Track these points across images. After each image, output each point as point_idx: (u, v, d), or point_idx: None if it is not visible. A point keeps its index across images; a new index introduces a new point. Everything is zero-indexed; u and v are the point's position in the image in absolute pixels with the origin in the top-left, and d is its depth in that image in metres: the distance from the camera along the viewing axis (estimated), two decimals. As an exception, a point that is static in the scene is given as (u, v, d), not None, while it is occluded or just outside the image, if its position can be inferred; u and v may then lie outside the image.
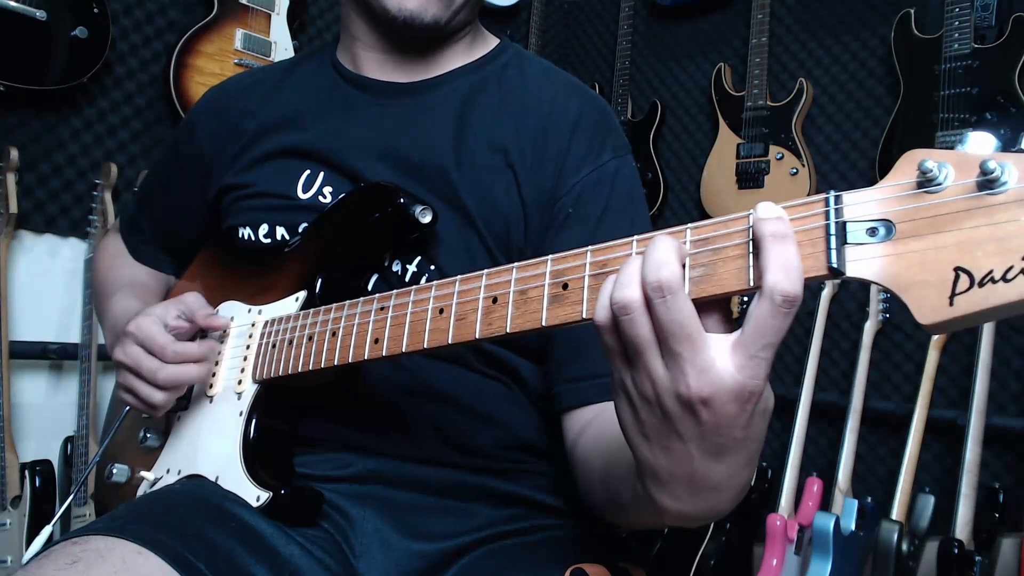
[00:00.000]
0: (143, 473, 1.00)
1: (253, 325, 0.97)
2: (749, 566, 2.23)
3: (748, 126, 2.64)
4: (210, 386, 0.98)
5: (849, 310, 2.45)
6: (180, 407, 1.02)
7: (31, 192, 2.14)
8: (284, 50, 2.43)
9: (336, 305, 0.85)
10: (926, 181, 0.47)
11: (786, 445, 2.26)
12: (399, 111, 1.04)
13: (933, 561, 1.90)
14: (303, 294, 0.94)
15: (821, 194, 0.52)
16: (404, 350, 0.75)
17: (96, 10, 2.09)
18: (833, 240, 0.50)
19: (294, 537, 0.86)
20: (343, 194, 1.00)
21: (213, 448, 0.94)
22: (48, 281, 2.22)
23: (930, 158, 0.47)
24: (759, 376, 0.53)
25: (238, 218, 1.07)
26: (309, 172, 1.03)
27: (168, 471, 0.98)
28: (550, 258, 0.64)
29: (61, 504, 2.02)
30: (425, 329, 0.73)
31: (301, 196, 1.03)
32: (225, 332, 1.01)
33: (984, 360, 2.02)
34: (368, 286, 0.98)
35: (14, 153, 2.03)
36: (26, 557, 0.95)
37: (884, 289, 0.48)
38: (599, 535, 0.96)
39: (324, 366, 0.84)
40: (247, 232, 1.05)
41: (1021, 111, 2.09)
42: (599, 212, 0.96)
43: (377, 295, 0.81)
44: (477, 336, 0.68)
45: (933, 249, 0.47)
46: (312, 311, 0.89)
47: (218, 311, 1.05)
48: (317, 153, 1.04)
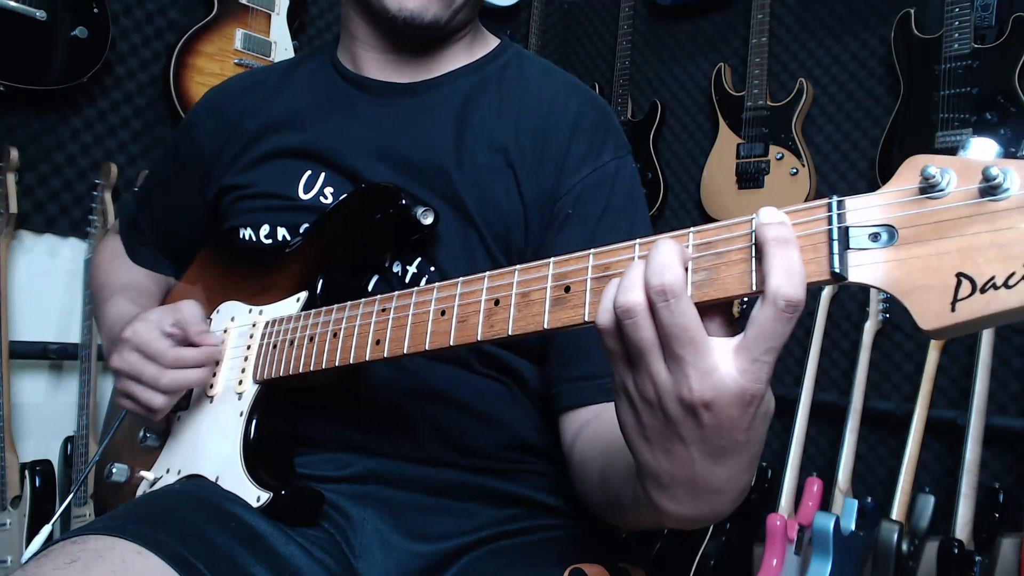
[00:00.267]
0: (143, 473, 1.00)
1: (254, 326, 0.97)
2: (749, 566, 2.23)
3: (748, 126, 2.64)
4: (210, 386, 0.98)
5: (849, 310, 2.45)
6: (180, 407, 1.02)
7: (31, 192, 2.14)
8: (284, 50, 2.43)
9: (337, 306, 0.85)
10: (929, 187, 0.47)
11: (786, 445, 2.26)
12: (399, 111, 1.04)
13: (933, 561, 1.90)
14: (304, 295, 0.94)
15: (824, 199, 0.52)
16: (406, 351, 0.75)
17: (96, 10, 2.09)
18: (836, 245, 0.50)
19: (294, 537, 0.85)
20: (344, 195, 1.00)
21: (213, 448, 0.94)
22: (48, 281, 2.22)
23: (933, 164, 0.47)
24: (761, 380, 0.53)
25: (239, 219, 1.06)
26: (310, 173, 1.03)
27: (168, 471, 0.98)
28: (552, 261, 0.64)
29: (61, 504, 2.02)
30: (427, 331, 0.73)
31: (302, 197, 1.03)
32: (225, 332, 1.01)
33: (984, 360, 2.02)
34: (369, 287, 0.98)
35: (14, 153, 2.03)
36: (25, 556, 0.95)
37: (886, 294, 0.48)
38: (599, 535, 0.96)
39: (325, 367, 0.84)
40: (248, 233, 1.05)
41: (1021, 111, 2.09)
42: (599, 212, 0.96)
43: (379, 296, 0.81)
44: (479, 338, 0.68)
45: (935, 255, 0.47)
46: (313, 312, 0.89)
47: (212, 320, 1.05)
48: (317, 153, 1.03)
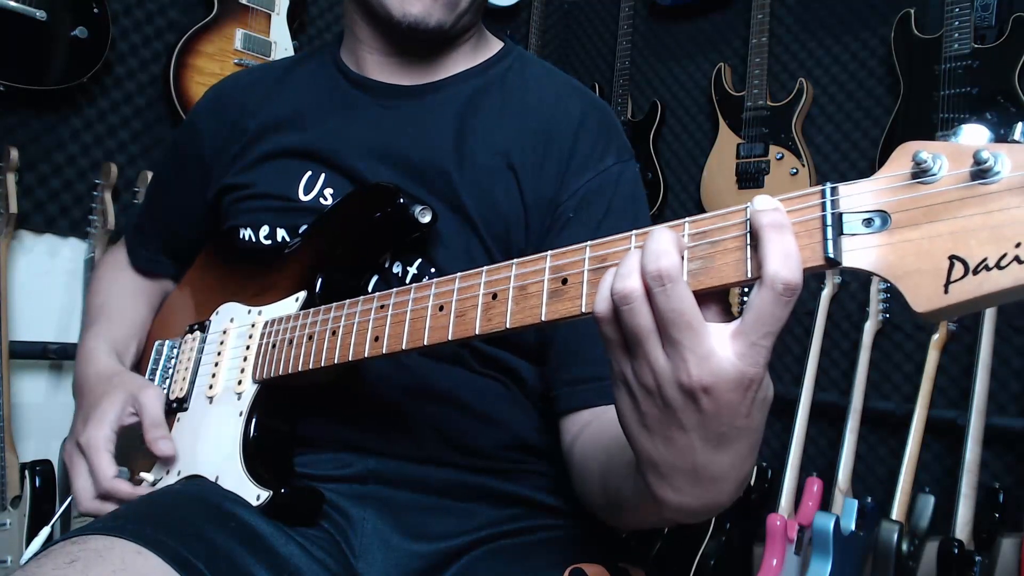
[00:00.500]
0: (143, 474, 1.00)
1: (253, 326, 0.97)
2: (749, 566, 2.23)
3: (748, 126, 2.64)
4: (210, 387, 0.98)
5: (849, 310, 2.45)
6: (181, 408, 1.02)
7: (31, 192, 2.14)
8: (284, 50, 2.43)
9: (336, 304, 0.85)
10: (921, 172, 0.48)
11: (786, 445, 2.26)
12: (401, 113, 1.04)
13: (933, 561, 1.90)
14: (303, 294, 0.95)
15: (817, 186, 0.53)
16: (404, 347, 0.75)
17: (96, 10, 2.09)
18: (829, 231, 0.51)
19: (294, 537, 0.85)
20: (343, 195, 1.00)
21: (213, 448, 0.94)
22: (48, 281, 2.22)
23: (924, 149, 0.48)
24: (759, 364, 0.54)
25: (239, 219, 1.06)
26: (311, 173, 1.03)
27: (168, 471, 0.98)
28: (549, 254, 0.64)
29: (61, 504, 2.02)
30: (425, 326, 0.73)
31: (302, 198, 1.03)
32: (224, 333, 1.01)
33: (984, 360, 2.02)
34: (368, 287, 0.98)
35: (14, 153, 2.03)
36: (25, 557, 0.95)
37: (880, 279, 0.48)
38: (599, 535, 0.96)
39: (324, 365, 0.84)
40: (248, 233, 1.05)
41: (1021, 111, 2.09)
42: (600, 216, 0.96)
43: (377, 294, 0.81)
44: (477, 332, 0.68)
45: (928, 238, 0.47)
46: (312, 311, 0.89)
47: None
48: (318, 153, 1.03)
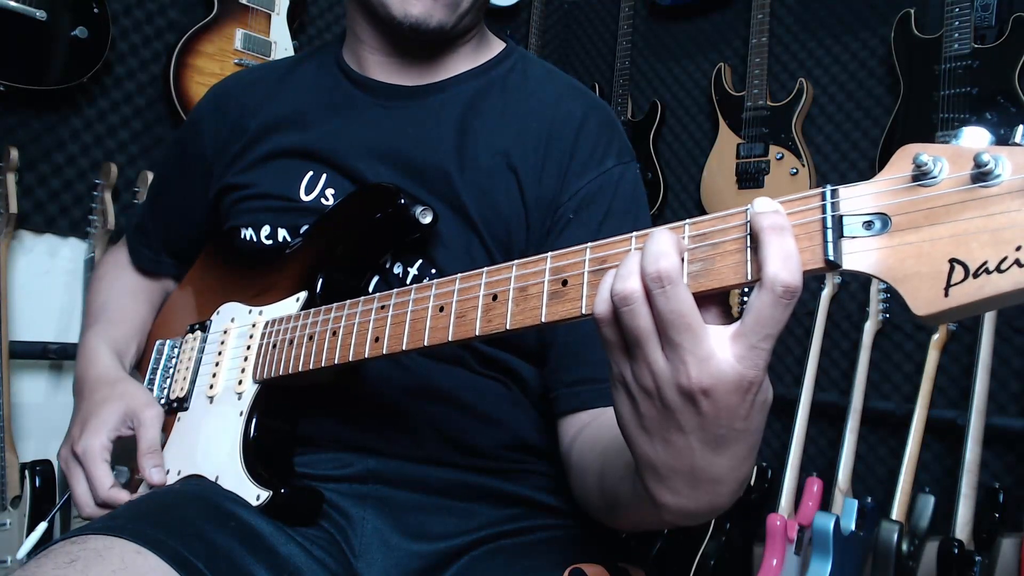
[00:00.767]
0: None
1: (254, 326, 0.97)
2: (749, 566, 2.23)
3: (748, 126, 2.64)
4: (210, 387, 0.98)
5: (849, 310, 2.45)
6: (181, 408, 1.02)
7: (31, 192, 2.14)
8: (284, 50, 2.43)
9: (337, 305, 0.86)
10: (921, 175, 0.48)
11: (786, 445, 2.26)
12: (402, 113, 1.04)
13: (933, 561, 1.90)
14: (304, 294, 0.95)
15: (817, 188, 0.53)
16: (404, 348, 0.75)
17: (96, 10, 2.09)
18: (830, 233, 0.51)
19: (294, 537, 0.86)
20: (345, 195, 1.00)
21: (213, 448, 0.94)
22: (48, 281, 2.22)
23: (925, 152, 0.47)
24: (759, 366, 0.53)
25: (240, 219, 1.06)
26: (312, 174, 1.03)
27: (168, 471, 0.98)
28: (549, 255, 0.65)
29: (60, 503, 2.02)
30: (426, 327, 0.73)
31: (304, 198, 1.03)
32: (225, 333, 1.01)
33: (984, 360, 2.02)
34: (369, 287, 0.98)
35: (14, 153, 2.03)
36: (22, 552, 0.95)
37: (881, 281, 0.48)
38: (598, 535, 0.96)
39: (325, 365, 0.84)
40: (249, 233, 1.05)
41: (1021, 111, 2.09)
42: (600, 217, 0.96)
43: (377, 294, 0.81)
44: (477, 333, 0.68)
45: (928, 241, 0.47)
46: (313, 311, 0.89)
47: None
48: (319, 154, 1.03)
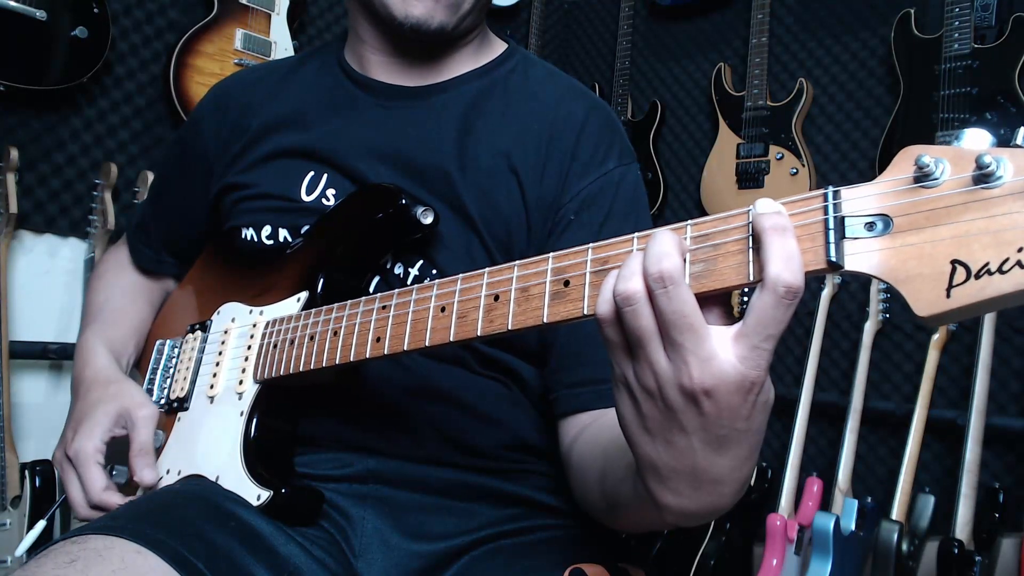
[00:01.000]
0: None
1: (254, 326, 0.97)
2: (749, 566, 2.23)
3: (748, 126, 2.64)
4: (211, 386, 0.98)
5: (849, 310, 2.45)
6: (181, 408, 1.02)
7: (31, 192, 2.14)
8: (284, 50, 2.43)
9: (338, 305, 0.86)
10: (923, 176, 0.48)
11: (786, 445, 2.26)
12: (404, 114, 1.04)
13: (933, 561, 1.90)
14: (304, 295, 0.95)
15: (819, 189, 0.53)
16: (406, 348, 0.75)
17: (96, 10, 2.09)
18: (832, 234, 0.51)
19: (294, 537, 0.86)
20: (346, 196, 1.00)
21: (214, 448, 0.94)
22: (48, 281, 2.22)
23: (927, 153, 0.48)
24: (761, 367, 0.54)
25: (241, 219, 1.06)
26: (313, 174, 1.03)
27: (168, 471, 0.98)
28: (551, 256, 0.65)
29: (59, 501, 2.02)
30: (427, 327, 0.73)
31: (305, 198, 1.03)
32: (226, 333, 1.01)
33: (984, 360, 2.02)
34: (370, 288, 0.98)
35: (14, 153, 2.03)
36: (20, 549, 0.95)
37: (882, 282, 0.48)
38: (599, 535, 0.96)
39: (326, 365, 0.84)
40: (250, 233, 1.05)
41: (1021, 111, 2.09)
42: (601, 218, 0.96)
43: (379, 295, 0.81)
44: (479, 333, 0.68)
45: (930, 243, 0.47)
46: (314, 311, 0.89)
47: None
48: (320, 154, 1.03)
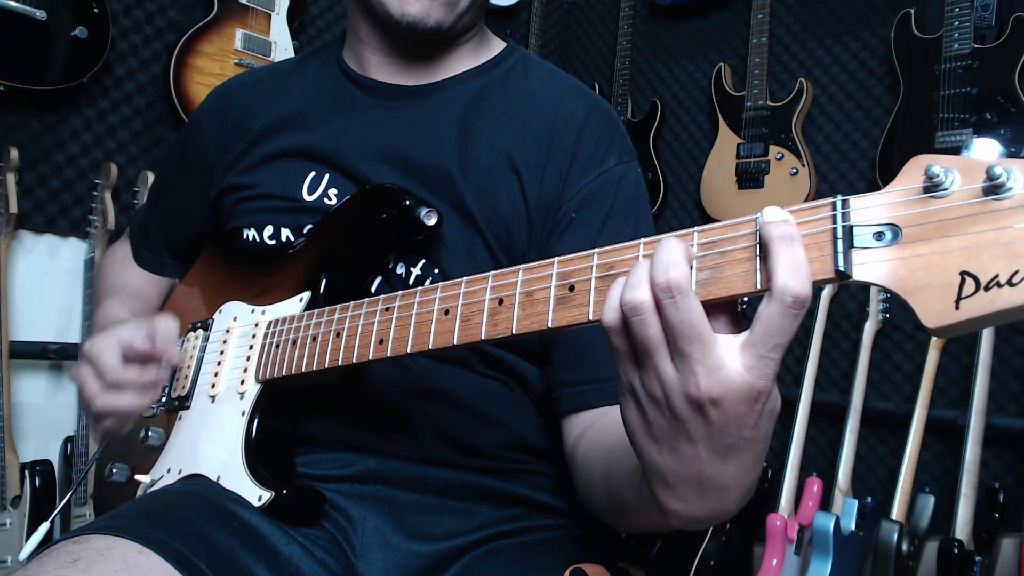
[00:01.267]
0: (139, 477, 1.00)
1: (256, 325, 0.97)
2: (749, 566, 2.23)
3: (748, 126, 2.64)
4: (212, 386, 0.98)
5: (849, 310, 2.46)
6: (183, 407, 1.02)
7: (31, 192, 2.14)
8: (284, 50, 2.43)
9: (341, 306, 0.85)
10: (933, 186, 0.48)
11: (786, 445, 2.26)
12: (404, 113, 1.04)
13: (933, 561, 1.90)
14: (307, 295, 0.94)
15: (828, 198, 0.52)
16: (409, 351, 0.75)
17: (96, 10, 2.09)
18: (840, 244, 0.50)
19: (295, 537, 0.86)
20: (348, 196, 1.00)
21: (215, 448, 0.94)
22: (48, 281, 2.22)
23: (937, 163, 0.47)
24: (768, 376, 0.54)
25: (242, 219, 1.06)
26: (314, 174, 1.03)
27: (169, 470, 0.98)
28: (556, 260, 0.64)
29: (60, 502, 2.02)
30: (430, 330, 0.73)
31: (306, 198, 1.03)
32: (227, 332, 1.01)
33: (984, 360, 2.02)
34: (372, 288, 0.98)
35: (14, 153, 2.03)
36: (24, 553, 0.95)
37: (892, 294, 0.48)
38: (599, 535, 0.96)
39: (328, 366, 0.84)
40: (251, 233, 1.05)
41: (1021, 111, 2.09)
42: (603, 217, 0.96)
43: (382, 296, 0.81)
44: (483, 337, 0.68)
45: (939, 253, 0.47)
46: (316, 312, 0.89)
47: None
48: (321, 154, 1.03)
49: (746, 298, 0.55)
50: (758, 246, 0.53)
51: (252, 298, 1.02)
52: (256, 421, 0.91)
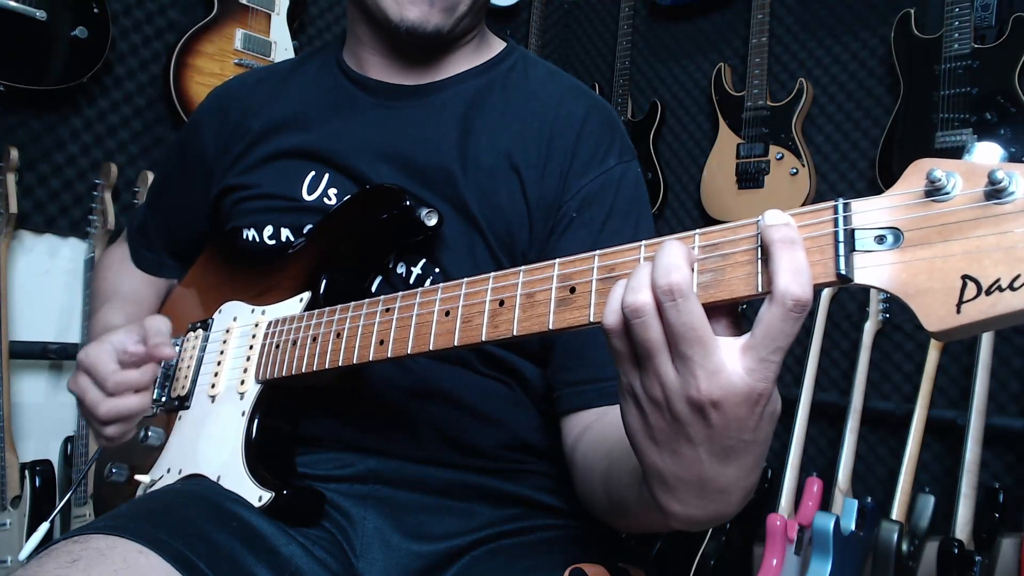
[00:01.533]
0: (139, 477, 1.00)
1: (256, 325, 0.97)
2: (749, 566, 2.23)
3: (748, 126, 2.64)
4: (212, 386, 0.98)
5: (849, 310, 2.46)
6: (183, 407, 1.02)
7: (31, 192, 2.14)
8: (284, 50, 2.43)
9: (341, 306, 0.85)
10: (934, 190, 0.48)
11: (786, 445, 2.26)
12: (404, 113, 1.04)
13: (933, 561, 1.90)
14: (307, 295, 0.94)
15: (829, 201, 0.52)
16: (409, 352, 0.75)
17: (96, 10, 2.09)
18: (841, 247, 0.50)
19: (295, 537, 0.86)
20: (348, 196, 1.00)
21: (215, 448, 0.94)
22: (48, 281, 2.22)
23: (938, 167, 0.47)
24: (768, 379, 0.54)
25: (242, 219, 1.06)
26: (314, 173, 1.03)
27: (169, 470, 0.98)
28: (557, 262, 0.64)
29: (60, 502, 2.02)
30: (431, 331, 0.73)
31: (306, 198, 1.03)
32: (227, 331, 1.01)
33: (984, 360, 2.03)
34: (372, 288, 0.98)
35: (14, 153, 2.03)
36: (23, 553, 0.95)
37: (894, 297, 0.48)
38: (599, 535, 0.96)
39: (328, 367, 0.84)
40: (251, 233, 1.05)
41: (1021, 111, 2.09)
42: (603, 216, 0.96)
43: (383, 297, 0.81)
44: (483, 339, 0.68)
45: (941, 257, 0.47)
46: (316, 312, 0.89)
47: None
48: (321, 154, 1.03)
49: (743, 305, 0.55)
50: (759, 249, 0.53)
51: (252, 298, 1.02)
52: (256, 421, 0.91)
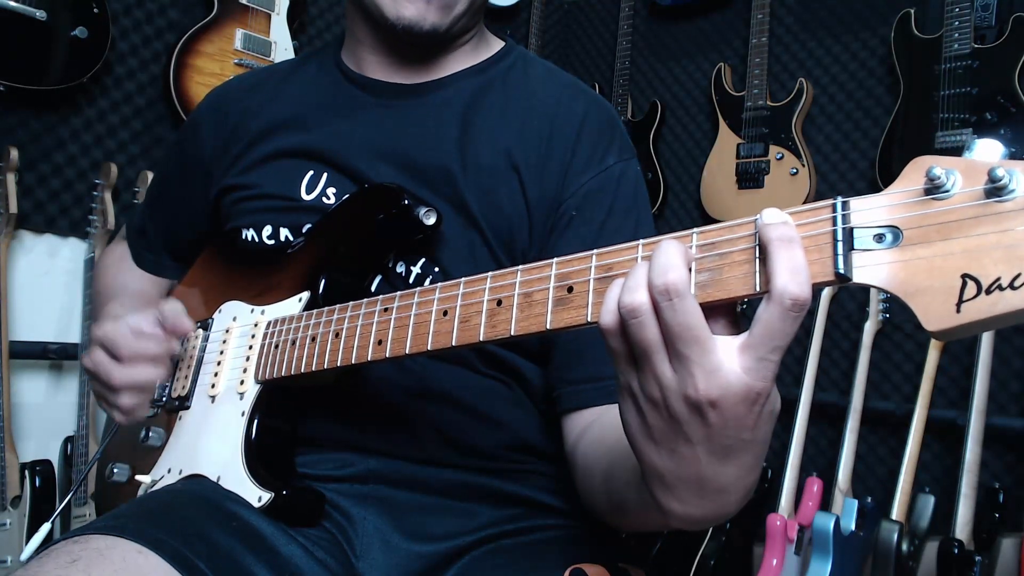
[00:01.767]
0: (139, 477, 1.00)
1: (256, 325, 0.97)
2: (749, 566, 2.23)
3: (748, 126, 2.64)
4: (212, 386, 0.98)
5: (849, 310, 2.46)
6: (183, 407, 1.02)
7: (31, 192, 2.14)
8: (284, 50, 2.43)
9: (340, 306, 0.85)
10: (934, 188, 0.47)
11: (786, 445, 2.26)
12: (403, 112, 1.04)
13: (933, 561, 1.90)
14: (306, 295, 0.94)
15: (828, 200, 0.52)
16: (408, 352, 0.75)
17: (96, 10, 2.09)
18: (840, 246, 0.50)
19: (295, 537, 0.86)
20: (347, 195, 1.00)
21: (215, 448, 0.94)
22: (48, 281, 2.22)
23: (938, 165, 0.47)
24: (767, 378, 0.53)
25: (241, 219, 1.06)
26: (313, 173, 1.03)
27: (169, 471, 0.98)
28: (555, 261, 0.64)
29: (60, 503, 2.02)
30: (429, 331, 0.73)
31: (305, 197, 1.03)
32: (227, 331, 1.01)
33: (984, 360, 2.02)
34: (371, 287, 0.98)
35: (14, 153, 2.03)
36: (25, 554, 0.95)
37: (893, 296, 0.48)
38: (599, 535, 0.96)
39: (327, 367, 0.84)
40: (250, 233, 1.05)
41: (1021, 111, 2.09)
42: (603, 215, 0.96)
43: (381, 296, 0.81)
44: (481, 338, 0.68)
45: (940, 256, 0.46)
46: (315, 312, 0.89)
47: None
48: (320, 153, 1.03)
49: (745, 299, 0.55)
50: (757, 248, 0.53)
51: (251, 298, 1.02)
52: (256, 421, 0.91)
